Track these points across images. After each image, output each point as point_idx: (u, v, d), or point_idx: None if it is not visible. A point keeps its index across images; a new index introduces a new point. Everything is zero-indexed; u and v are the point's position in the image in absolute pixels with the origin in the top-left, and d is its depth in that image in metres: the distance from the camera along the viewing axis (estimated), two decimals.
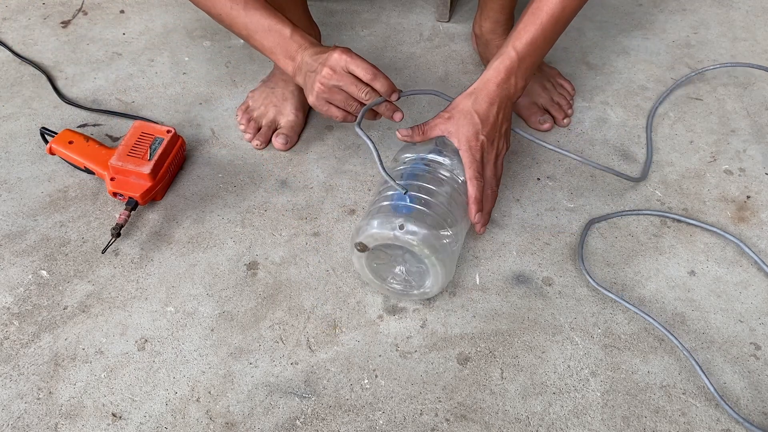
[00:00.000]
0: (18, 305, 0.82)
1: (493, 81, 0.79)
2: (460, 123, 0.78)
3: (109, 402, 0.74)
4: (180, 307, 0.82)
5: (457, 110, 0.79)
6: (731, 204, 0.93)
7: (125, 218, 0.86)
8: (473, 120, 0.78)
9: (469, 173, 0.78)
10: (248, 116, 1.00)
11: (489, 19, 1.02)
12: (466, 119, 0.78)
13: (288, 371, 0.77)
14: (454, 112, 0.79)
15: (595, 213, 0.91)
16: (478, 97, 0.79)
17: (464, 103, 0.79)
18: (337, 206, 0.92)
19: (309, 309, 0.82)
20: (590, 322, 0.81)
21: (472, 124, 0.78)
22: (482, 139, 0.78)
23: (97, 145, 0.92)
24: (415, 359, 0.78)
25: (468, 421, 0.73)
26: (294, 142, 0.99)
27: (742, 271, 0.86)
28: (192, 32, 1.16)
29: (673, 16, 1.21)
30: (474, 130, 0.78)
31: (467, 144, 0.78)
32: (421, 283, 0.78)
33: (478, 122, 0.78)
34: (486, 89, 0.79)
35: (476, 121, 0.78)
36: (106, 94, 1.06)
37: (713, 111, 1.05)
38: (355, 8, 1.21)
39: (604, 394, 0.75)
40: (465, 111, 0.79)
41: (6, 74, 1.08)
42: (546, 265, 0.86)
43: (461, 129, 0.78)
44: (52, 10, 1.20)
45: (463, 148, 0.78)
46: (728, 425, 0.73)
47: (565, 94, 1.04)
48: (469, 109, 0.79)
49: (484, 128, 0.78)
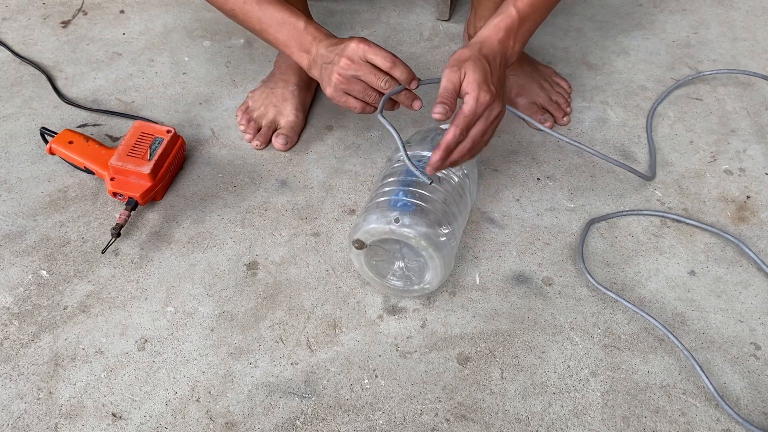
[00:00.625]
0: (18, 305, 0.82)
1: (494, 38, 0.75)
2: (471, 68, 0.71)
3: (109, 402, 0.74)
4: (180, 307, 0.82)
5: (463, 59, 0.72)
6: (731, 204, 0.93)
7: (125, 218, 0.86)
8: (483, 65, 0.72)
9: (459, 121, 0.71)
10: (248, 116, 1.00)
11: (483, 19, 1.02)
12: (476, 64, 0.72)
13: (288, 371, 0.77)
14: (462, 62, 0.72)
15: (595, 213, 0.91)
16: (483, 47, 0.74)
17: (468, 52, 0.73)
18: (337, 206, 0.92)
19: (309, 309, 0.82)
20: (590, 322, 0.81)
21: (483, 69, 0.72)
22: (492, 89, 0.72)
23: (97, 145, 0.92)
24: (415, 359, 0.78)
25: (468, 421, 0.73)
26: (294, 142, 0.99)
27: (742, 271, 0.86)
28: (192, 32, 1.16)
29: (673, 16, 1.21)
30: (486, 77, 0.72)
31: (477, 90, 0.71)
32: (421, 278, 0.78)
33: (488, 68, 0.72)
34: (488, 43, 0.75)
35: (486, 67, 0.72)
36: (106, 94, 1.06)
37: (713, 111, 1.05)
38: (355, 8, 1.21)
39: (604, 394, 0.75)
40: (473, 57, 0.72)
41: (6, 74, 1.08)
42: (546, 265, 0.86)
43: (473, 74, 0.71)
44: (52, 10, 1.20)
45: (472, 94, 0.71)
46: (728, 425, 0.73)
47: (562, 93, 1.04)
48: (476, 55, 0.72)
49: (493, 76, 0.73)
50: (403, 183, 0.77)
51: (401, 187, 0.76)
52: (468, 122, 0.71)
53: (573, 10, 1.21)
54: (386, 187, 0.78)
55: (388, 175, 0.80)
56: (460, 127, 0.71)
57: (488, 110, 0.72)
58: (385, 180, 0.79)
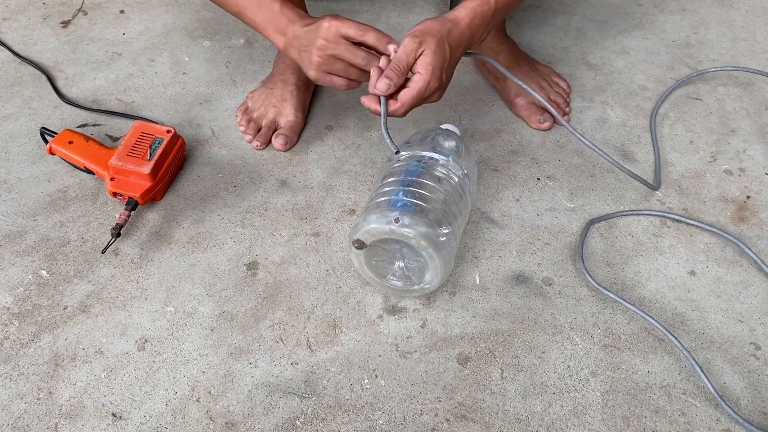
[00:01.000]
0: (18, 305, 0.82)
1: (465, 22, 0.75)
2: (432, 48, 0.72)
3: (109, 402, 0.74)
4: (180, 307, 0.82)
5: (429, 34, 0.73)
6: (731, 204, 0.93)
7: (125, 218, 0.86)
8: (444, 51, 0.73)
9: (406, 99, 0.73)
10: (248, 117, 1.00)
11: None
12: (439, 47, 0.72)
13: (288, 371, 0.77)
14: (427, 37, 0.73)
15: (595, 213, 0.91)
16: (452, 31, 0.74)
17: (437, 28, 0.73)
18: (337, 206, 0.92)
19: (309, 309, 0.82)
20: (590, 322, 0.81)
21: (443, 56, 0.73)
22: (443, 78, 0.73)
23: (97, 145, 0.92)
24: (415, 359, 0.78)
25: (468, 421, 0.73)
26: (294, 142, 0.99)
27: (742, 271, 0.86)
28: (192, 32, 1.16)
29: (673, 16, 1.21)
30: (441, 64, 0.73)
31: (430, 75, 0.72)
32: (421, 278, 0.78)
33: (447, 56, 0.73)
34: (459, 27, 0.74)
35: (446, 55, 0.73)
36: (106, 94, 1.06)
37: (713, 111, 1.05)
38: (355, 8, 1.21)
39: (604, 394, 0.75)
40: (438, 38, 0.73)
41: (6, 74, 1.08)
42: (546, 265, 0.86)
43: (432, 55, 0.72)
44: (52, 10, 1.20)
45: (424, 76, 0.72)
46: (728, 425, 0.73)
47: (561, 93, 1.04)
48: (443, 37, 0.73)
49: (449, 66, 0.74)
50: (403, 183, 0.77)
51: (401, 187, 0.76)
52: (413, 103, 0.74)
53: (573, 10, 1.21)
54: (386, 187, 0.78)
55: (388, 175, 0.80)
56: (405, 107, 0.74)
57: (429, 96, 0.75)
58: (385, 180, 0.79)
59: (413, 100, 0.74)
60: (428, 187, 0.77)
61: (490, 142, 1.00)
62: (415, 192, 0.76)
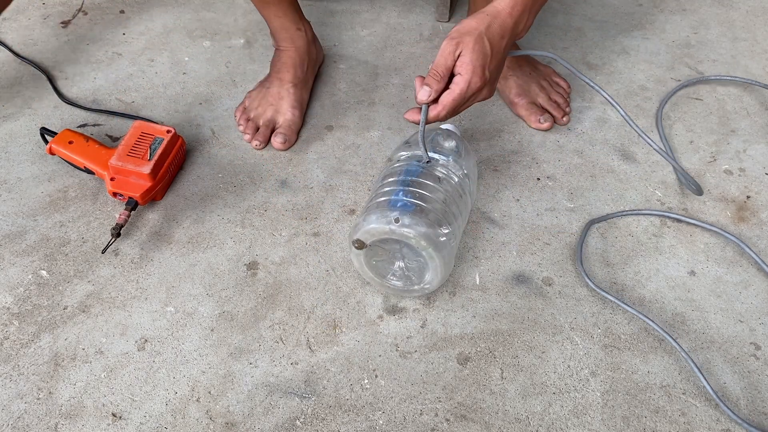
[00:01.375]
0: (18, 305, 0.82)
1: (506, 11, 0.71)
2: (470, 47, 0.69)
3: (109, 402, 0.74)
4: (180, 307, 0.82)
5: (466, 33, 0.70)
6: (731, 204, 0.93)
7: (125, 218, 0.86)
8: (484, 47, 0.69)
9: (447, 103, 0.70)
10: (246, 116, 1.00)
11: None
12: (477, 44, 0.69)
13: (288, 371, 0.77)
14: (464, 36, 0.69)
15: (595, 213, 0.91)
16: (492, 24, 0.70)
17: (474, 25, 0.70)
18: (337, 206, 0.92)
19: (309, 309, 0.82)
20: (590, 322, 0.81)
21: (483, 52, 0.69)
22: (487, 75, 0.70)
23: (97, 145, 0.92)
24: (415, 359, 0.78)
25: (468, 421, 0.73)
26: (293, 141, 0.99)
27: (742, 271, 0.86)
28: (192, 32, 1.16)
29: (673, 16, 1.21)
30: (483, 61, 0.69)
31: (471, 74, 0.69)
32: (421, 278, 0.78)
33: (488, 51, 0.69)
34: (500, 18, 0.71)
35: (487, 50, 0.69)
36: (106, 94, 1.06)
37: (713, 111, 1.05)
38: (355, 8, 1.21)
39: (604, 394, 0.75)
40: (476, 35, 0.69)
41: (6, 74, 1.08)
42: (546, 265, 0.86)
43: (470, 54, 0.69)
44: (52, 10, 1.20)
45: (465, 77, 0.70)
46: (728, 425, 0.73)
47: (562, 93, 1.04)
48: (481, 33, 0.69)
49: (492, 61, 0.70)
50: (403, 183, 0.77)
51: (401, 187, 0.76)
52: (455, 106, 0.72)
53: (573, 10, 1.21)
54: (386, 187, 0.78)
55: (388, 175, 0.80)
56: (447, 110, 0.72)
57: (475, 95, 0.72)
58: (385, 180, 0.79)
59: (454, 102, 0.71)
60: (428, 187, 0.77)
61: (490, 142, 1.00)
62: (415, 192, 0.76)
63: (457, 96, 0.71)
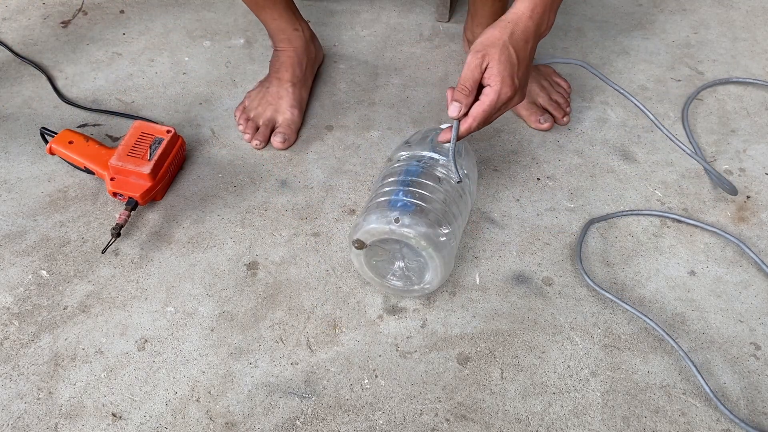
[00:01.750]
0: (18, 305, 0.82)
1: (526, 15, 0.70)
2: (496, 58, 0.69)
3: (109, 402, 0.74)
4: (180, 307, 0.82)
5: (490, 45, 0.70)
6: (731, 204, 0.93)
7: (125, 218, 0.86)
8: (510, 56, 0.69)
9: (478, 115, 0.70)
10: (246, 116, 1.00)
11: (481, 25, 1.03)
12: (503, 54, 0.69)
13: (288, 371, 0.77)
14: (488, 48, 0.69)
15: (595, 213, 0.91)
16: (514, 31, 0.70)
17: (497, 35, 0.70)
18: (337, 206, 0.92)
19: (309, 309, 0.82)
20: (590, 322, 0.81)
21: (509, 62, 0.69)
22: (516, 83, 0.70)
23: (97, 145, 0.92)
24: (415, 359, 0.78)
25: (468, 421, 0.73)
26: (293, 140, 0.99)
27: (742, 271, 0.86)
28: (192, 32, 1.16)
29: (673, 16, 1.21)
30: (511, 70, 0.69)
31: (500, 85, 0.69)
32: (421, 278, 0.78)
33: (515, 60, 0.69)
34: (521, 23, 0.70)
35: (513, 59, 0.69)
36: (106, 94, 1.06)
37: (713, 111, 1.05)
38: (355, 8, 1.21)
39: (604, 394, 0.75)
40: (501, 45, 0.69)
41: (6, 74, 1.08)
42: (546, 265, 0.86)
43: (498, 65, 0.69)
44: (52, 10, 1.20)
45: (494, 87, 0.69)
46: (728, 425, 0.73)
47: (562, 93, 1.04)
48: (505, 42, 0.69)
49: (519, 69, 0.70)
50: (403, 183, 0.77)
51: (401, 187, 0.76)
52: (486, 117, 0.72)
53: (573, 10, 1.21)
54: (386, 187, 0.78)
55: (388, 175, 0.80)
56: (477, 121, 0.71)
57: (506, 104, 0.72)
58: (385, 180, 0.79)
59: (485, 113, 0.71)
60: (428, 187, 0.77)
61: (490, 142, 1.00)
62: (415, 192, 0.76)
63: (487, 107, 0.71)
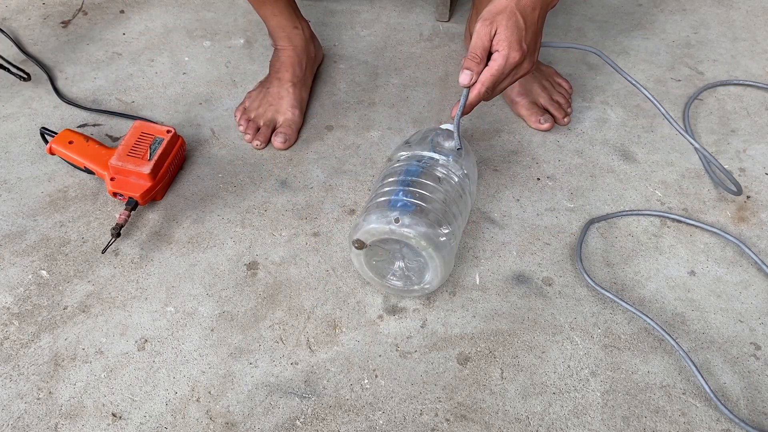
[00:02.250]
0: (18, 305, 0.82)
1: None
2: (504, 24, 0.69)
3: (109, 402, 0.74)
4: (180, 307, 0.82)
5: (498, 12, 0.70)
6: (731, 204, 0.93)
7: (125, 218, 0.86)
8: (518, 22, 0.70)
9: (486, 79, 0.71)
10: (246, 116, 1.00)
11: None
12: (510, 20, 0.69)
13: (288, 371, 0.77)
14: (496, 15, 0.70)
15: (595, 213, 0.91)
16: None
17: (504, 3, 0.70)
18: (337, 206, 0.92)
19: (309, 309, 0.82)
20: (590, 322, 0.81)
21: (517, 26, 0.69)
22: (524, 47, 0.70)
23: (97, 145, 0.92)
24: (415, 359, 0.78)
25: (468, 421, 0.73)
26: (293, 140, 0.99)
27: (742, 271, 0.86)
28: (192, 32, 1.16)
29: (673, 16, 1.21)
30: (518, 35, 0.70)
31: (508, 49, 0.69)
32: (421, 278, 0.78)
33: (522, 25, 0.70)
34: None
35: (521, 24, 0.70)
36: (106, 94, 1.06)
37: (713, 111, 1.05)
38: (355, 8, 1.21)
39: (604, 394, 0.75)
40: (508, 11, 0.70)
41: (6, 74, 1.08)
42: (546, 265, 0.86)
43: (505, 31, 0.69)
44: (52, 10, 1.20)
45: (502, 52, 0.70)
46: (728, 425, 0.73)
47: (563, 93, 1.04)
48: (512, 8, 0.70)
49: (527, 34, 0.71)
50: (403, 183, 0.77)
51: (401, 187, 0.76)
52: (494, 81, 0.72)
53: (573, 10, 1.21)
54: (386, 187, 0.78)
55: (388, 175, 0.80)
56: (486, 86, 0.72)
57: (516, 69, 0.72)
58: (385, 180, 0.79)
59: (493, 78, 0.71)
60: (428, 187, 0.77)
61: (490, 142, 1.00)
62: (415, 192, 0.76)
63: (495, 71, 0.71)
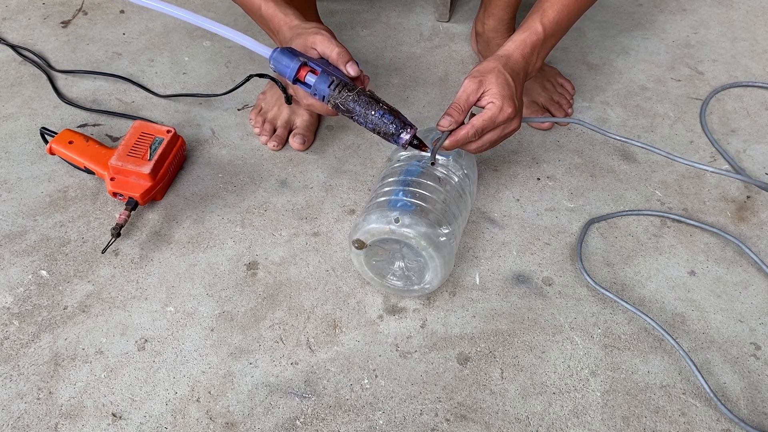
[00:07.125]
0: (18, 305, 0.82)
1: (517, 53, 0.77)
2: (494, 82, 0.73)
3: (109, 402, 0.74)
4: (180, 307, 0.82)
5: (487, 72, 0.74)
6: (731, 204, 0.93)
7: (125, 218, 0.86)
8: (507, 81, 0.74)
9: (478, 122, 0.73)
10: (262, 118, 1.00)
11: (493, 17, 1.01)
12: (500, 78, 0.74)
13: (288, 371, 0.77)
14: (486, 75, 0.74)
15: (595, 213, 0.91)
16: (507, 63, 0.76)
17: (492, 65, 0.75)
18: (337, 206, 0.92)
19: (309, 309, 0.82)
20: (590, 322, 0.81)
21: (507, 84, 0.74)
22: (516, 103, 0.74)
23: (97, 145, 0.92)
24: (415, 359, 0.78)
25: (468, 421, 0.73)
26: (311, 141, 0.99)
27: (742, 271, 0.86)
28: (192, 32, 1.16)
29: (673, 16, 1.21)
30: (510, 91, 0.74)
31: (502, 101, 0.73)
32: (421, 278, 0.78)
33: (511, 83, 0.74)
34: (513, 58, 0.76)
35: (510, 83, 0.74)
36: (106, 94, 1.06)
37: (713, 111, 1.05)
38: (355, 8, 1.21)
39: (604, 394, 0.75)
40: (497, 71, 0.74)
41: (6, 74, 1.08)
42: (546, 265, 0.86)
43: (497, 87, 0.73)
44: (52, 10, 1.20)
45: (497, 104, 0.73)
46: (728, 425, 0.73)
47: (565, 94, 1.04)
48: (501, 69, 0.74)
49: (517, 91, 0.75)
50: (403, 183, 0.77)
51: (401, 187, 0.76)
52: (485, 126, 0.74)
53: None
54: (386, 187, 0.78)
55: (388, 175, 0.80)
56: (476, 128, 0.74)
57: (507, 123, 0.75)
58: (385, 180, 0.79)
59: (484, 123, 0.74)
60: (428, 187, 0.77)
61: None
62: (415, 192, 0.76)
63: (487, 119, 0.73)
